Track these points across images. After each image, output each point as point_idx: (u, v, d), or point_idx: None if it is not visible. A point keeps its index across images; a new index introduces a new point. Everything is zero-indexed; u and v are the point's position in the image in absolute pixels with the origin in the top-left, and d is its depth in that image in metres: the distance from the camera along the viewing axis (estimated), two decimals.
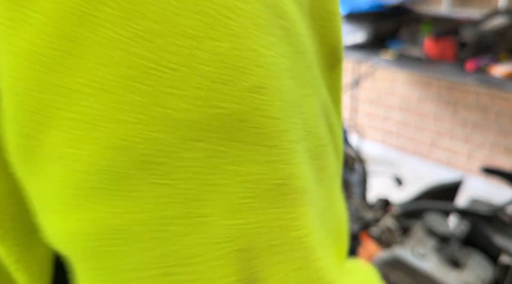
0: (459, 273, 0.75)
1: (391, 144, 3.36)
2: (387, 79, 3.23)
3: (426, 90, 3.02)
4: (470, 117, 2.84)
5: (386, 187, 1.06)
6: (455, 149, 2.98)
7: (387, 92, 3.27)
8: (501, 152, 2.75)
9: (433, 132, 3.07)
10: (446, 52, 2.38)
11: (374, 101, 3.38)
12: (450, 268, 0.75)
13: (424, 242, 0.81)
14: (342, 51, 0.25)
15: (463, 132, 2.91)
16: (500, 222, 0.80)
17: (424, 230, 0.83)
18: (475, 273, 0.77)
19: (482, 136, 2.81)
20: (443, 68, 2.31)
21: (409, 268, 0.74)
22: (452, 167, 3.02)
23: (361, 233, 0.86)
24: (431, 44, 2.43)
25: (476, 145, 2.86)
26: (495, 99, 2.68)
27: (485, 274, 0.79)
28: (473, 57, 2.27)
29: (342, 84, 0.25)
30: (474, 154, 2.88)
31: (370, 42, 2.65)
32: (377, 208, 0.92)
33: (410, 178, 2.79)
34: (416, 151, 3.21)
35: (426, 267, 0.73)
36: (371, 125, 3.47)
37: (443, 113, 2.97)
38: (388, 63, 2.48)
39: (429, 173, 2.96)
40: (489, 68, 2.19)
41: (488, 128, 2.77)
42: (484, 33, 2.20)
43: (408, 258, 0.74)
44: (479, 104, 2.77)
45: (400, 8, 2.71)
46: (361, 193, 0.95)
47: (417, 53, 2.51)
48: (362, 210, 0.90)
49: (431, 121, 3.06)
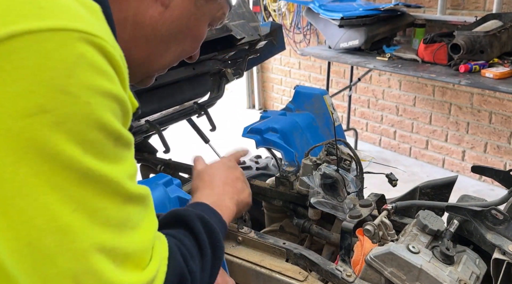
0: (452, 269, 0.76)
1: (387, 144, 3.39)
2: (382, 82, 3.26)
3: (421, 92, 3.05)
4: (463, 118, 2.87)
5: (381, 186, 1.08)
6: (449, 149, 3.01)
7: (383, 94, 3.30)
8: (494, 152, 2.78)
9: (428, 133, 3.10)
10: (440, 54, 2.41)
11: (370, 102, 3.41)
12: (443, 264, 0.77)
13: (418, 239, 0.82)
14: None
15: (456, 133, 2.94)
16: (493, 219, 0.82)
17: (418, 227, 0.85)
18: (468, 270, 0.78)
19: (475, 137, 2.84)
20: (437, 71, 2.33)
21: (403, 264, 0.75)
22: (446, 167, 3.05)
23: (357, 230, 0.88)
24: (425, 47, 2.46)
25: (470, 145, 2.89)
26: (488, 100, 2.72)
27: (478, 270, 0.80)
28: (466, 60, 2.30)
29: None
30: (468, 154, 2.91)
31: (365, 45, 2.67)
32: (372, 206, 0.93)
33: (405, 177, 2.82)
34: (411, 151, 3.24)
35: (420, 263, 0.74)
36: (367, 126, 3.50)
37: (437, 114, 3.00)
38: (384, 65, 2.51)
39: (424, 173, 2.99)
40: (482, 70, 2.22)
41: (481, 129, 2.80)
42: (477, 36, 2.23)
43: (403, 254, 0.75)
44: (472, 105, 2.80)
45: (395, 12, 2.73)
46: (357, 191, 0.97)
47: (412, 56, 2.54)
48: (358, 208, 0.92)
49: (426, 122, 3.09)
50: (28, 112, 0.32)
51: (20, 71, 0.32)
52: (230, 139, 2.62)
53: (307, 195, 1.01)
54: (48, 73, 0.33)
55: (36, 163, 0.33)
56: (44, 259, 0.34)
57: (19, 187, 0.33)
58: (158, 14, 0.50)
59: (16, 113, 0.32)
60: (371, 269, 0.78)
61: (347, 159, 1.01)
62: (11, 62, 0.32)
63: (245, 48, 1.40)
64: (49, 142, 0.33)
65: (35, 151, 0.33)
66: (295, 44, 3.76)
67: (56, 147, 0.34)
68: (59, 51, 0.34)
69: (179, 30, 0.53)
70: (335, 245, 1.02)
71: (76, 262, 0.35)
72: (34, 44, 0.33)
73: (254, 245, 0.98)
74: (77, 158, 0.35)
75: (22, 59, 0.32)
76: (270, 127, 1.20)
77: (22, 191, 0.33)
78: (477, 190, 2.69)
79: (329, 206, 0.94)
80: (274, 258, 0.94)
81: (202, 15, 0.55)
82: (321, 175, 0.94)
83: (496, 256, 0.78)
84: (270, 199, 1.16)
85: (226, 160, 0.86)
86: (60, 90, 0.34)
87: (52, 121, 0.33)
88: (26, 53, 0.33)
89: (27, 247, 0.34)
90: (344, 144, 1.05)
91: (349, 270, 0.84)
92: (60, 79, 0.34)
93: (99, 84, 0.36)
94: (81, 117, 0.35)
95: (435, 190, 1.02)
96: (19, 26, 0.33)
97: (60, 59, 0.34)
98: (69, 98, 0.34)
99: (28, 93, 0.32)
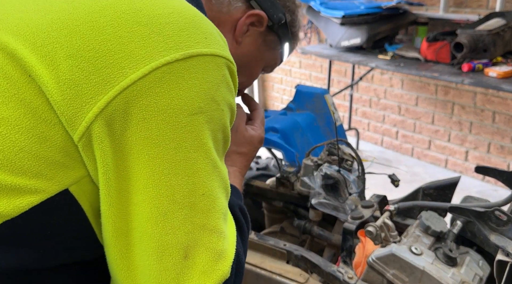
0: (455, 271, 0.75)
1: (389, 144, 3.38)
2: (384, 81, 3.25)
3: (423, 92, 3.03)
4: (466, 118, 2.85)
5: (383, 186, 1.07)
6: (451, 149, 2.99)
7: (385, 93, 3.28)
8: (497, 152, 2.76)
9: (430, 132, 3.08)
10: (442, 53, 2.39)
11: (372, 102, 3.39)
12: (446, 266, 0.76)
13: (420, 240, 0.81)
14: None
15: (459, 132, 2.92)
16: (496, 220, 0.81)
17: (421, 228, 0.84)
18: (471, 271, 0.78)
19: (478, 137, 2.83)
20: (439, 70, 2.32)
21: (406, 266, 0.74)
22: (449, 167, 3.03)
23: (359, 231, 0.87)
24: (428, 46, 2.45)
25: (473, 145, 2.87)
26: (491, 100, 2.70)
27: (481, 272, 0.79)
28: (469, 59, 2.28)
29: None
30: (471, 154, 2.89)
31: (367, 44, 2.66)
32: (374, 207, 0.92)
33: (407, 178, 2.80)
34: (413, 151, 3.22)
35: (423, 265, 0.74)
36: (368, 125, 3.48)
37: (440, 114, 2.99)
38: (386, 64, 2.49)
39: (426, 173, 2.97)
40: (485, 69, 2.21)
41: (484, 128, 2.78)
42: (480, 35, 2.21)
43: (405, 256, 0.75)
44: (476, 105, 2.78)
45: (397, 10, 2.72)
46: (359, 192, 0.96)
47: (414, 54, 2.53)
48: (360, 209, 0.91)
49: (428, 122, 3.07)
50: (193, 111, 0.44)
51: (193, 81, 0.44)
52: None
53: (308, 196, 1.00)
54: (207, 85, 0.45)
55: (189, 150, 0.44)
56: (171, 229, 0.43)
57: (174, 166, 0.43)
58: (233, 48, 0.67)
59: (187, 111, 0.44)
60: (373, 271, 0.78)
61: (349, 159, 1.00)
62: (189, 74, 0.44)
63: None
64: (202, 135, 0.45)
65: (192, 140, 0.44)
66: None
67: (203, 139, 0.45)
68: (215, 71, 0.46)
69: (243, 64, 0.66)
70: (337, 246, 1.01)
71: (192, 235, 0.43)
72: (202, 64, 0.45)
73: (254, 246, 0.97)
74: (211, 150, 0.46)
75: (195, 73, 0.45)
76: (270, 127, 1.19)
77: (175, 170, 0.43)
78: (480, 191, 2.68)
79: (330, 207, 0.93)
80: (275, 259, 0.93)
81: (261, 59, 0.72)
82: (322, 176, 0.93)
83: (500, 257, 0.77)
84: (271, 199, 1.15)
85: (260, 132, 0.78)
86: (211, 99, 0.46)
87: (205, 120, 0.45)
88: (197, 69, 0.45)
89: (162, 216, 0.42)
90: (346, 144, 1.04)
91: (351, 272, 0.83)
92: (212, 91, 0.46)
93: (228, 98, 0.49)
94: (218, 120, 0.47)
95: (438, 191, 1.01)
96: (196, 50, 0.45)
97: (215, 76, 0.46)
98: (215, 105, 0.46)
99: (195, 97, 0.44)
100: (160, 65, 0.43)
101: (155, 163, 0.42)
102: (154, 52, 0.43)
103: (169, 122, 0.43)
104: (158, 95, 0.42)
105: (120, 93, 0.41)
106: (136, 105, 0.42)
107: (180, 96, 0.43)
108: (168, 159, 0.42)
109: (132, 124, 0.42)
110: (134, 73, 0.42)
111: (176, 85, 0.43)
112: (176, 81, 0.43)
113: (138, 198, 0.42)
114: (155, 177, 0.42)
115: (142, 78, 0.42)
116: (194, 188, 0.44)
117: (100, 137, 0.41)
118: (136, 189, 0.42)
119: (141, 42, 0.43)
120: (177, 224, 0.43)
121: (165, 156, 0.42)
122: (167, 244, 0.42)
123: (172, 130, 0.43)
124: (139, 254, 0.43)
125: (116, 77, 0.42)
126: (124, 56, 0.42)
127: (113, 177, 0.42)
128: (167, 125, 0.42)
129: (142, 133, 0.42)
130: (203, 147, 0.45)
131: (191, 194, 0.44)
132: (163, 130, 0.42)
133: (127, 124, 0.42)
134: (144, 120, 0.42)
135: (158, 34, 0.44)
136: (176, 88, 0.43)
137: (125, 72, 0.42)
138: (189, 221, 0.43)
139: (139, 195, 0.42)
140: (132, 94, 0.42)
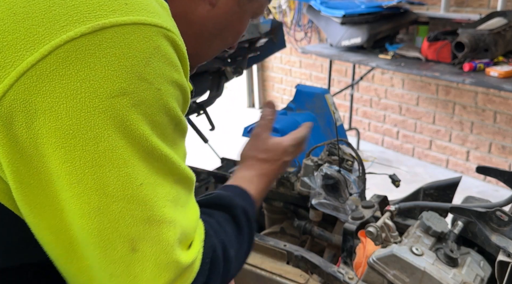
0: (456, 272, 0.75)
1: (389, 144, 3.37)
2: (385, 80, 3.24)
3: (424, 91, 3.03)
4: (467, 117, 2.85)
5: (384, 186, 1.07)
6: (452, 149, 2.99)
7: (385, 93, 3.28)
8: (498, 152, 2.75)
9: (431, 132, 3.08)
10: (443, 53, 2.38)
11: (372, 102, 3.39)
12: (447, 266, 0.76)
13: (421, 241, 0.81)
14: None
15: (460, 132, 2.91)
16: (497, 220, 0.80)
17: (421, 228, 0.84)
18: (472, 272, 0.77)
19: (479, 137, 2.82)
20: (440, 69, 2.31)
21: (406, 266, 0.74)
22: (450, 167, 3.02)
23: (359, 232, 0.87)
24: (429, 45, 2.44)
25: (474, 145, 2.87)
26: (493, 99, 2.69)
27: (482, 273, 0.79)
28: (471, 58, 2.28)
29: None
30: (472, 154, 2.89)
31: (368, 43, 2.65)
32: (375, 207, 0.92)
33: (408, 178, 2.80)
34: (414, 151, 3.22)
35: (423, 265, 0.73)
36: (369, 125, 3.48)
37: (441, 114, 2.98)
38: (386, 64, 2.49)
39: (427, 173, 2.97)
40: (486, 68, 2.20)
41: (485, 128, 2.78)
42: (482, 34, 2.21)
43: (406, 256, 0.75)
44: (477, 104, 2.78)
45: (398, 10, 2.71)
46: (359, 192, 0.95)
47: (415, 54, 2.52)
48: (360, 209, 0.90)
49: (429, 122, 3.07)
50: (112, 94, 0.38)
51: (108, 58, 0.38)
52: (229, 139, 2.61)
53: (308, 196, 1.00)
54: (130, 61, 0.39)
55: (114, 138, 0.38)
56: (108, 222, 0.39)
57: (97, 158, 0.38)
58: (206, 12, 0.55)
59: (103, 94, 0.38)
60: (374, 271, 0.77)
61: (349, 159, 0.99)
62: (102, 50, 0.38)
63: (245, 46, 1.39)
64: (127, 120, 0.39)
65: (115, 127, 0.38)
66: (296, 42, 3.75)
67: (131, 125, 0.39)
68: (140, 43, 0.39)
69: (224, 26, 0.58)
70: (337, 247, 1.01)
71: (135, 228, 0.40)
72: (120, 36, 0.39)
73: (254, 247, 0.96)
74: (147, 136, 0.40)
75: (110, 48, 0.38)
76: None
77: (99, 162, 0.38)
78: (481, 191, 2.67)
79: (331, 207, 0.93)
80: (275, 260, 0.93)
81: (244, 12, 0.61)
82: (323, 176, 0.93)
83: (501, 258, 0.77)
84: (271, 200, 1.14)
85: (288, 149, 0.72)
86: (138, 77, 0.39)
87: (130, 103, 0.39)
88: (113, 43, 0.38)
89: (96, 211, 0.39)
90: (346, 144, 1.04)
91: (351, 273, 0.82)
92: (139, 67, 0.39)
93: (169, 74, 0.42)
94: (153, 101, 0.40)
95: (439, 191, 1.00)
96: (109, 19, 0.38)
97: (140, 50, 0.39)
98: (144, 84, 0.39)
99: (113, 77, 0.38)
100: (62, 42, 0.37)
101: (74, 156, 0.38)
102: (55, 28, 0.37)
103: (82, 109, 0.37)
104: (64, 78, 0.37)
105: (16, 81, 0.36)
106: (39, 92, 0.37)
107: (92, 77, 0.37)
108: (88, 150, 0.38)
109: (38, 115, 0.37)
110: (32, 55, 0.37)
111: (86, 64, 0.37)
112: (84, 59, 0.37)
113: (66, 195, 0.39)
114: (78, 172, 0.38)
115: (42, 59, 0.37)
116: (129, 178, 0.39)
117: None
118: (60, 187, 0.39)
119: (39, 18, 0.38)
120: (115, 218, 0.39)
121: (84, 147, 0.38)
122: (108, 237, 0.39)
123: (88, 118, 0.37)
124: (84, 247, 0.40)
125: (11, 62, 0.37)
126: (19, 37, 0.37)
127: (27, 175, 0.38)
128: (80, 112, 0.37)
129: (52, 124, 0.37)
130: (132, 133, 0.39)
131: (126, 186, 0.39)
132: (76, 119, 0.37)
133: (32, 116, 0.37)
134: (51, 109, 0.37)
135: (60, 6, 0.38)
136: (86, 68, 0.37)
137: (22, 55, 0.37)
138: (128, 213, 0.39)
139: (66, 192, 0.39)
140: (32, 80, 0.37)
